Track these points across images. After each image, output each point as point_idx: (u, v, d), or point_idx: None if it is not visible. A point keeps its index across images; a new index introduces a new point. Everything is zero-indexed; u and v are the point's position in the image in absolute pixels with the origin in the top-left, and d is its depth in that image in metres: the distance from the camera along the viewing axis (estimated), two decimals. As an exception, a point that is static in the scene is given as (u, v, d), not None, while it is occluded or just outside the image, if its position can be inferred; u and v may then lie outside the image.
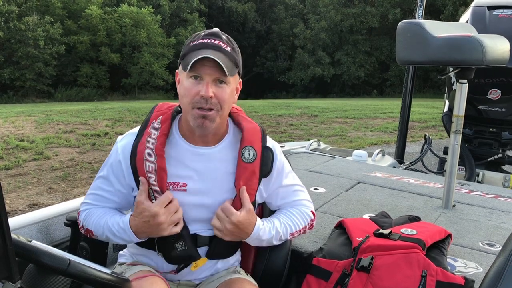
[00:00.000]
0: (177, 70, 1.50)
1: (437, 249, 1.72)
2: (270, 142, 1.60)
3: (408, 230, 1.76)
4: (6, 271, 0.90)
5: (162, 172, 1.44)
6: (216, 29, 1.46)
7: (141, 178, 1.43)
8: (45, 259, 1.02)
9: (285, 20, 31.16)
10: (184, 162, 1.48)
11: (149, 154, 1.43)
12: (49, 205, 2.32)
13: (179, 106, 1.52)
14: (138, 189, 1.45)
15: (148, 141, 1.44)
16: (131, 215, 1.44)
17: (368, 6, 28.24)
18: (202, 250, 1.55)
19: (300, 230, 1.63)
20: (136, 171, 1.45)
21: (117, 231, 1.45)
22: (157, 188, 1.43)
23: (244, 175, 1.49)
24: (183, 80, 1.42)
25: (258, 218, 1.53)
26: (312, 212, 1.69)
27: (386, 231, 1.75)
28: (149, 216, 1.39)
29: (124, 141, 1.51)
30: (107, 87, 24.40)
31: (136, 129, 1.53)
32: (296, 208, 1.66)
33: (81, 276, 1.06)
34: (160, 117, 1.49)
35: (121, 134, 1.58)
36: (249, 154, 1.49)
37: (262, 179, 1.54)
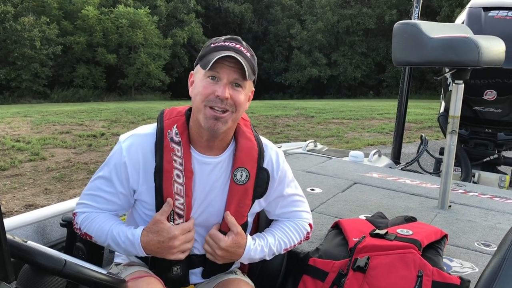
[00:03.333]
0: (191, 72, 1.47)
1: (433, 249, 1.72)
2: (273, 150, 1.57)
3: (404, 231, 1.76)
4: (1, 272, 0.90)
5: (190, 195, 1.43)
6: (237, 37, 1.46)
7: (168, 200, 1.40)
8: (41, 260, 1.01)
9: (281, 21, 31.20)
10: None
11: (178, 176, 1.41)
12: (45, 206, 2.31)
13: (189, 109, 1.49)
14: (156, 203, 1.43)
15: (175, 160, 1.41)
16: (143, 229, 1.41)
17: (364, 7, 28.33)
18: (197, 271, 1.56)
19: (294, 245, 1.62)
20: (161, 190, 1.41)
21: (123, 242, 1.41)
22: (181, 212, 1.43)
23: (235, 196, 1.48)
24: (199, 79, 1.40)
25: (250, 238, 1.51)
26: (309, 224, 1.66)
27: (382, 232, 1.76)
28: (166, 237, 1.37)
29: (129, 142, 1.45)
30: (103, 88, 24.36)
31: (141, 130, 1.48)
32: (293, 221, 1.63)
33: (76, 277, 1.06)
34: (175, 126, 1.44)
35: (118, 135, 1.54)
36: (241, 176, 1.47)
37: (256, 200, 1.53)
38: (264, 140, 1.57)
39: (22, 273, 1.05)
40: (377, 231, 1.78)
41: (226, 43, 1.40)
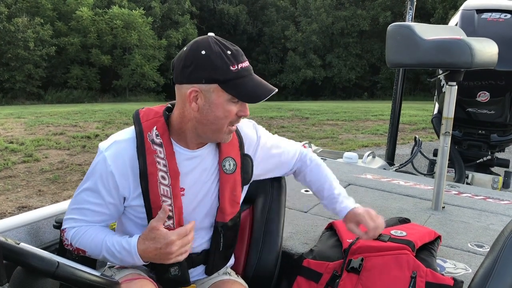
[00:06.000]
0: (195, 88, 1.35)
1: (426, 250, 1.73)
2: (246, 127, 1.62)
3: (398, 232, 1.77)
4: (-6, 274, 0.89)
5: (178, 196, 1.43)
6: (236, 47, 1.41)
7: (164, 206, 1.38)
8: (33, 262, 1.00)
9: (276, 23, 31.22)
10: (179, 167, 1.45)
11: (163, 177, 1.41)
12: (38, 207, 2.30)
13: (167, 109, 1.48)
14: (145, 206, 1.43)
15: (159, 162, 1.40)
16: (139, 237, 1.38)
17: (359, 9, 28.42)
18: (200, 269, 1.57)
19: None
20: (148, 193, 1.41)
21: (119, 252, 1.39)
22: (170, 214, 1.42)
23: (227, 186, 1.50)
24: (223, 103, 1.36)
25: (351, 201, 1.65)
26: (303, 148, 1.77)
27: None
28: (163, 243, 1.34)
29: (112, 151, 1.42)
30: (97, 89, 24.29)
31: (120, 136, 1.45)
32: (306, 163, 1.73)
33: (69, 279, 1.05)
34: (155, 128, 1.43)
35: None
36: (229, 165, 1.50)
37: (244, 186, 1.57)
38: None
39: (15, 275, 1.05)
40: None
41: (245, 64, 1.38)
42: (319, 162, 1.75)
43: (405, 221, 2.00)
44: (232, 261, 1.68)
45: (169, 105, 1.50)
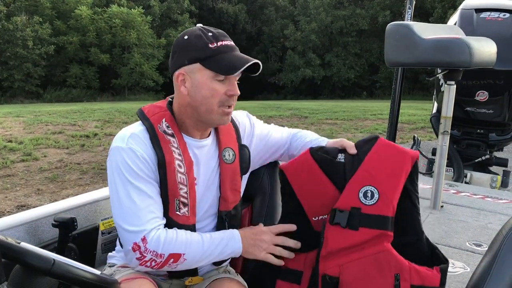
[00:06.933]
0: (181, 71, 1.41)
1: (405, 192, 1.47)
2: (241, 117, 1.67)
3: (368, 196, 1.41)
4: (-8, 272, 0.89)
5: (193, 184, 1.45)
6: (219, 31, 1.47)
7: (290, 225, 1.48)
8: (29, 259, 0.99)
9: (275, 22, 31.22)
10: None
11: (180, 166, 1.43)
12: (37, 206, 2.30)
13: (169, 102, 1.51)
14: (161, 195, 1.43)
15: (174, 151, 1.43)
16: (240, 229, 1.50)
17: (358, 8, 28.41)
18: None
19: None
20: (166, 182, 1.41)
21: (221, 238, 1.44)
22: (185, 201, 1.44)
23: (228, 175, 1.54)
24: (206, 81, 1.39)
25: None
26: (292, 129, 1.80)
27: (343, 219, 1.40)
28: (257, 230, 1.47)
29: (134, 140, 1.39)
30: (96, 88, 24.28)
31: (133, 129, 1.43)
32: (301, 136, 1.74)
33: (66, 276, 1.04)
34: (164, 120, 1.45)
35: (111, 135, 1.52)
36: (229, 155, 1.55)
37: (243, 176, 1.61)
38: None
39: (13, 273, 1.04)
40: (337, 216, 1.41)
41: (226, 42, 1.43)
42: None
43: (372, 141, 1.50)
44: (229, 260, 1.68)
45: (170, 99, 1.53)
